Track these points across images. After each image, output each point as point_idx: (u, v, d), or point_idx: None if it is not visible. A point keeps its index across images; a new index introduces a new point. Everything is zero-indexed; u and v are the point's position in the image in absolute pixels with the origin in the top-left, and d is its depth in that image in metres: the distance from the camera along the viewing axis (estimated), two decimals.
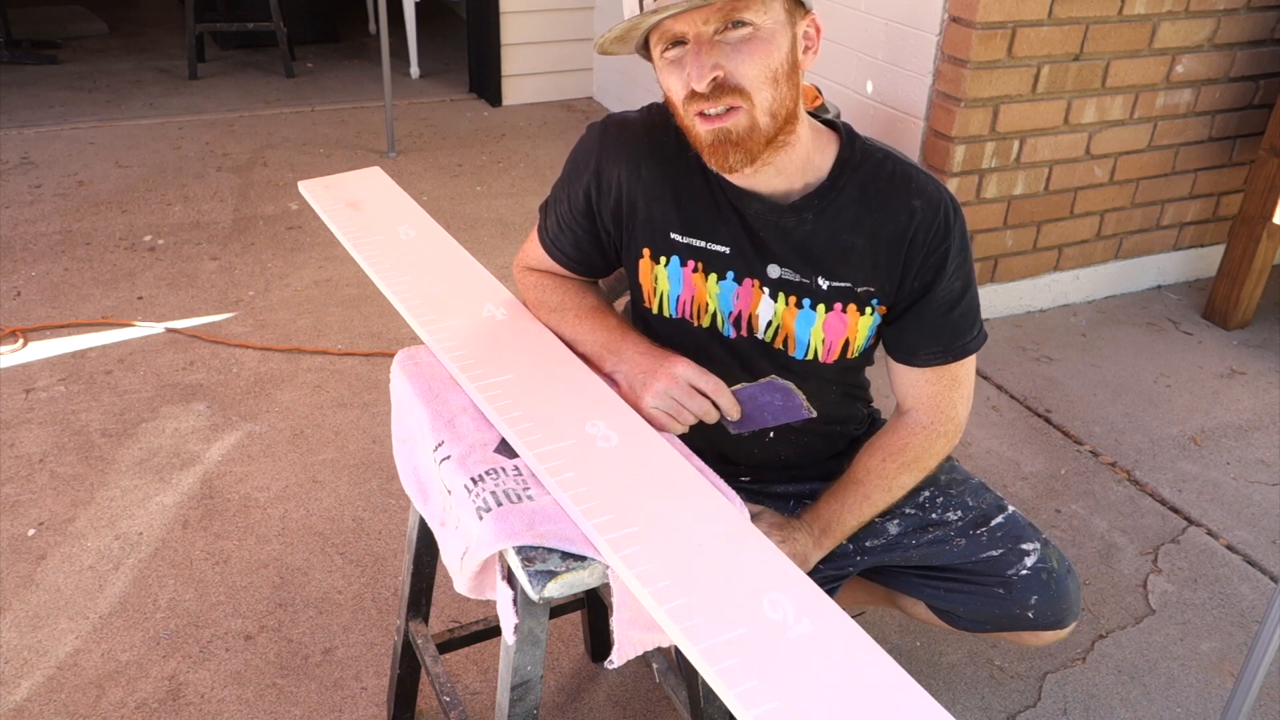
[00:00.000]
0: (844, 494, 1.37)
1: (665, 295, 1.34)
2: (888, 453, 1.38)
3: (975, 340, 1.35)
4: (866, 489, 1.37)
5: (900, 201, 1.26)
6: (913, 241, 1.26)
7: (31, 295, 2.94)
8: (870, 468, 1.38)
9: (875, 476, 1.37)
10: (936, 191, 1.27)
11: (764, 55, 1.14)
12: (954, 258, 1.28)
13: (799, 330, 1.31)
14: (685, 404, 1.21)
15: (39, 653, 1.79)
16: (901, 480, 1.38)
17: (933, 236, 1.26)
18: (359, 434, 2.40)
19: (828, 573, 1.43)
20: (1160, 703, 1.79)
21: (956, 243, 1.28)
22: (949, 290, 1.29)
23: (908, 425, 1.39)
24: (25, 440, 2.34)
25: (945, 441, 1.39)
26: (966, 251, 1.30)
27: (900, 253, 1.26)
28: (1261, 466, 2.44)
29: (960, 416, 1.40)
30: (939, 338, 1.32)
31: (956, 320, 1.32)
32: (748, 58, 1.13)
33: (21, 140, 4.03)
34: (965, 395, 1.39)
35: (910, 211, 1.25)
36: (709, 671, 0.87)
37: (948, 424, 1.39)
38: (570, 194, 1.36)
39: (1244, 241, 2.97)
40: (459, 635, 1.62)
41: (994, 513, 1.46)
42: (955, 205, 1.28)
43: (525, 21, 4.60)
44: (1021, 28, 2.62)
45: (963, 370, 1.37)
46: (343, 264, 3.17)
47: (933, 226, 1.25)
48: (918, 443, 1.37)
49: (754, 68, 1.14)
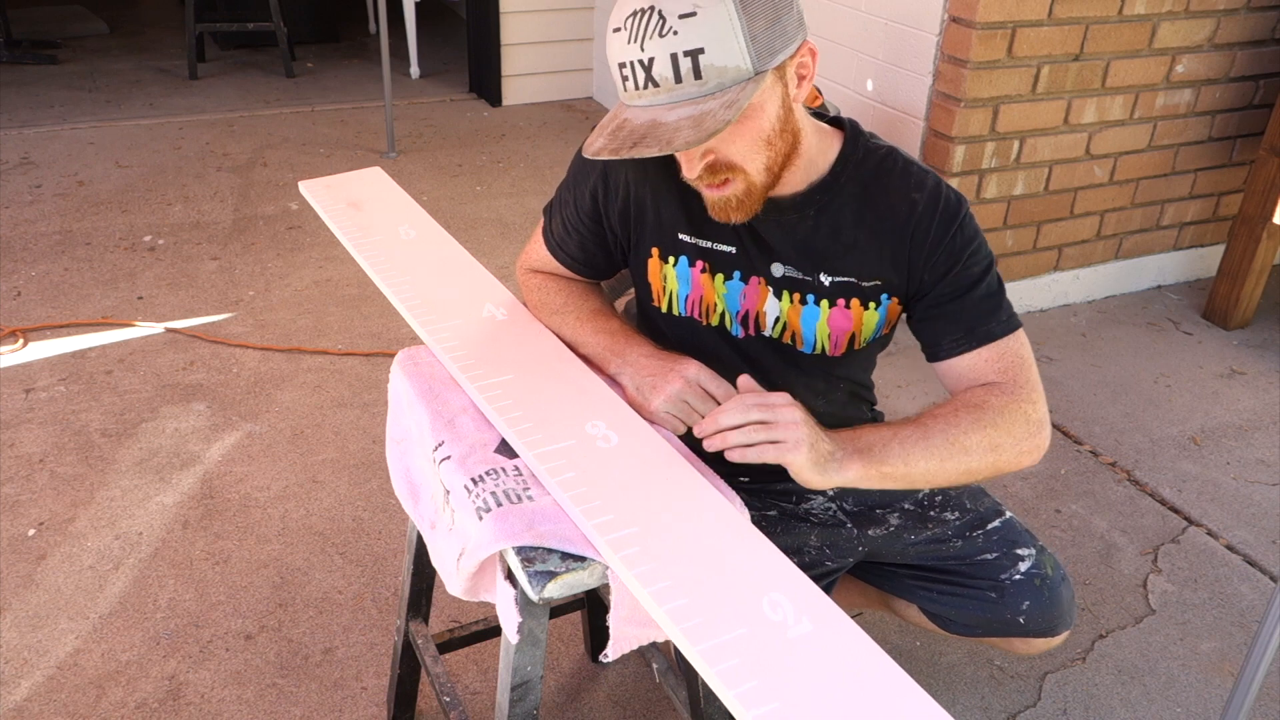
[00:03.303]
0: (900, 427, 1.19)
1: (675, 294, 1.34)
2: (960, 404, 1.22)
3: (1001, 325, 1.25)
4: (928, 429, 1.18)
5: (900, 195, 1.26)
6: (915, 234, 1.25)
7: (31, 295, 2.93)
8: (938, 414, 1.20)
9: (941, 422, 1.18)
10: (937, 185, 1.26)
11: (753, 132, 1.13)
12: (965, 246, 1.25)
13: (805, 327, 1.31)
14: (697, 407, 1.21)
15: (39, 653, 1.79)
16: (969, 439, 1.18)
17: (936, 228, 1.24)
18: (359, 434, 2.40)
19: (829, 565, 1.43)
20: (1160, 703, 1.79)
21: (964, 231, 1.25)
22: (965, 276, 1.26)
23: (986, 386, 1.24)
24: (25, 440, 2.34)
25: (1025, 423, 1.21)
26: (978, 240, 1.27)
27: (905, 245, 1.26)
28: (1261, 466, 2.44)
29: (1038, 409, 1.23)
30: (958, 322, 1.26)
31: (975, 304, 1.26)
32: (737, 139, 1.13)
33: (21, 140, 4.03)
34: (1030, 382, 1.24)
35: (910, 204, 1.25)
36: (709, 672, 0.87)
37: (1030, 393, 1.23)
38: (576, 195, 1.36)
39: (1244, 241, 2.97)
40: (459, 635, 1.62)
41: (991, 516, 1.46)
42: (958, 196, 1.27)
43: (525, 21, 4.60)
44: (1021, 28, 2.62)
45: (1007, 359, 1.25)
46: (343, 264, 3.17)
47: (935, 218, 1.24)
48: (996, 402, 1.21)
49: (743, 145, 1.14)
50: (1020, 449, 1.21)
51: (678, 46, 1.05)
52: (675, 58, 1.05)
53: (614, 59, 1.11)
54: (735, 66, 1.06)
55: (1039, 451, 1.23)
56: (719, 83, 1.06)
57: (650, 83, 1.07)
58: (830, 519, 1.45)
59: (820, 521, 1.45)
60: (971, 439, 1.18)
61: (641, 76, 1.08)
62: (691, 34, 1.04)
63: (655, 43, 1.05)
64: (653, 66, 1.06)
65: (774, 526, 1.42)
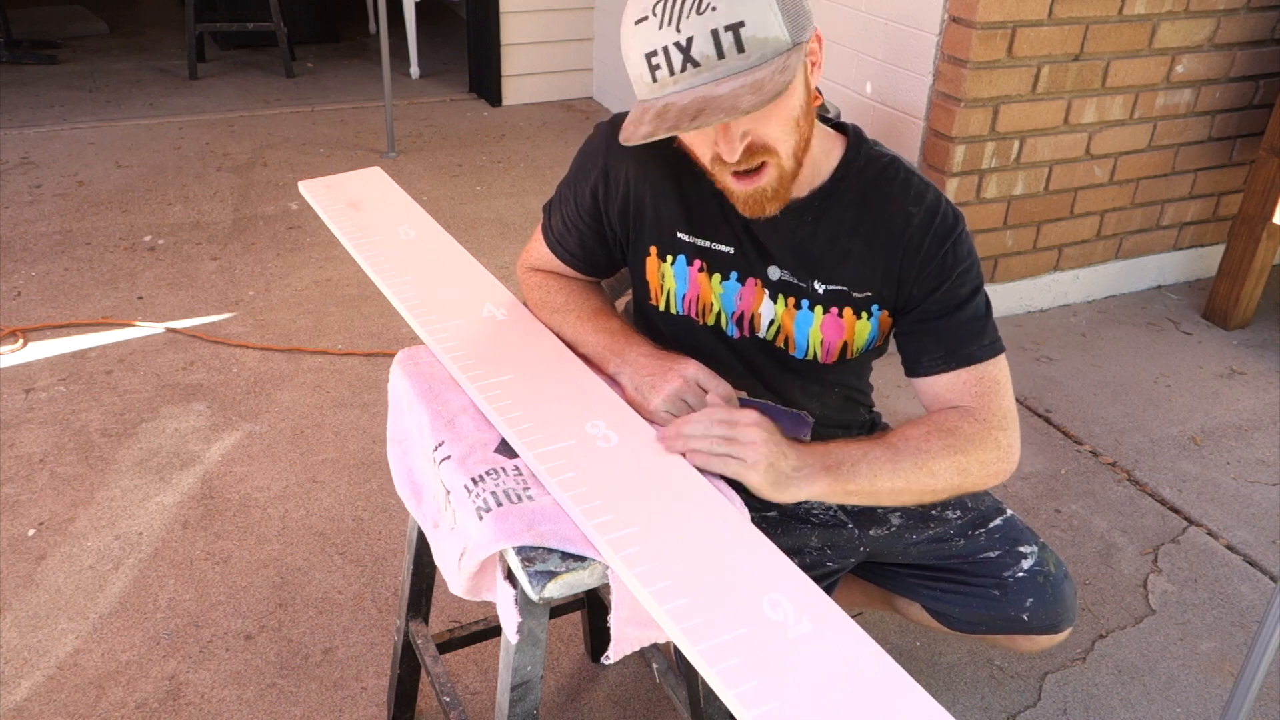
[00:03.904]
0: (870, 444, 1.19)
1: (672, 293, 1.34)
2: (933, 427, 1.22)
3: (983, 349, 1.25)
4: (898, 451, 1.19)
5: (898, 206, 1.25)
6: (908, 248, 1.24)
7: (31, 295, 2.93)
8: (910, 435, 1.21)
9: (913, 445, 1.19)
10: (936, 199, 1.26)
11: (786, 110, 1.13)
12: (956, 265, 1.25)
13: (798, 332, 1.31)
14: (696, 407, 1.21)
15: (39, 653, 1.79)
16: (937, 464, 1.19)
17: (930, 243, 1.24)
18: (359, 434, 2.40)
19: (831, 565, 1.43)
20: (1160, 703, 1.79)
21: (956, 250, 1.25)
22: (952, 296, 1.26)
23: (959, 411, 1.25)
24: (25, 440, 2.34)
25: (995, 449, 1.22)
26: (971, 260, 1.26)
27: (897, 258, 1.25)
28: (1261, 466, 2.44)
29: (1009, 435, 1.24)
30: (941, 341, 1.26)
31: (959, 325, 1.26)
32: (772, 118, 1.12)
33: (21, 140, 4.03)
34: (1002, 410, 1.25)
35: (907, 217, 1.24)
36: (709, 672, 0.87)
37: (1003, 420, 1.24)
38: (577, 192, 1.36)
39: (1244, 241, 2.97)
40: (459, 635, 1.62)
41: (993, 515, 1.46)
42: (956, 214, 1.26)
43: (525, 21, 4.60)
44: (1021, 28, 2.62)
45: (984, 384, 1.25)
46: (343, 264, 3.17)
47: (929, 233, 1.24)
48: (968, 429, 1.22)
49: (778, 125, 1.13)
50: (986, 473, 1.23)
51: (717, 22, 1.05)
52: (716, 33, 1.05)
53: (640, 50, 1.10)
54: (775, 37, 1.07)
55: (1005, 475, 1.25)
56: (761, 54, 1.07)
57: (689, 63, 1.07)
58: (831, 519, 1.45)
59: (821, 522, 1.45)
60: (940, 464, 1.19)
61: (679, 59, 1.07)
62: (729, 9, 1.05)
63: (693, 21, 1.05)
64: (691, 46, 1.06)
65: (775, 527, 1.42)
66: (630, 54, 1.12)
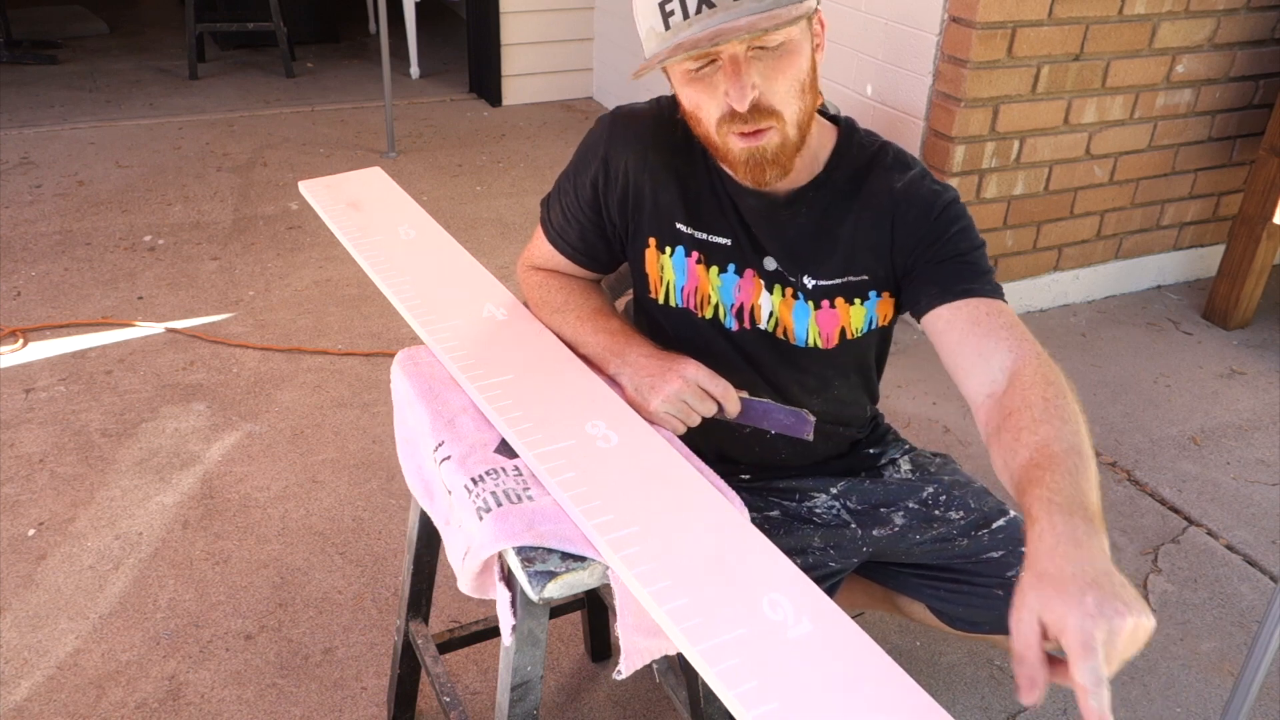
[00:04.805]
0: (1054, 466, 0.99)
1: (671, 285, 1.35)
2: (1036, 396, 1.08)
3: (980, 286, 1.20)
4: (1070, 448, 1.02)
5: (883, 182, 1.26)
6: (897, 214, 1.25)
7: (31, 295, 2.93)
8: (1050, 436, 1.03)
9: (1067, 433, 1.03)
10: (922, 172, 1.26)
11: (794, 69, 1.14)
12: (951, 224, 1.23)
13: (796, 323, 1.32)
14: (696, 407, 1.21)
15: (39, 653, 1.79)
16: (1071, 406, 1.06)
17: (918, 204, 1.24)
18: (359, 434, 2.40)
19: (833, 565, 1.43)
20: (1160, 703, 1.79)
21: (948, 212, 1.24)
22: (950, 248, 1.23)
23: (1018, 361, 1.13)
24: (25, 440, 2.34)
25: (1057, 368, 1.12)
26: (966, 221, 1.24)
27: (887, 230, 1.25)
28: (1261, 466, 2.44)
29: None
30: (935, 280, 1.21)
31: (954, 267, 1.22)
32: (781, 75, 1.13)
33: (21, 140, 4.03)
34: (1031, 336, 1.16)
35: (890, 189, 1.25)
36: (709, 672, 0.87)
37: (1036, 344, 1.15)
38: (577, 184, 1.37)
39: (1244, 241, 2.97)
40: (459, 635, 1.62)
41: (996, 515, 1.46)
42: (945, 185, 1.26)
43: (525, 21, 4.60)
44: (1021, 28, 2.62)
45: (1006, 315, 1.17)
46: (343, 264, 3.17)
47: (914, 202, 1.24)
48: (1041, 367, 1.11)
49: (786, 84, 1.14)
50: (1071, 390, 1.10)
51: None
52: None
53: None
54: None
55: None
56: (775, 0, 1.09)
57: (705, 4, 1.09)
58: (834, 519, 1.45)
59: (824, 522, 1.45)
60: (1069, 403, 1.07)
61: (694, 1, 1.09)
62: None
63: None
64: None
65: (777, 528, 1.41)
66: (641, 4, 1.13)
